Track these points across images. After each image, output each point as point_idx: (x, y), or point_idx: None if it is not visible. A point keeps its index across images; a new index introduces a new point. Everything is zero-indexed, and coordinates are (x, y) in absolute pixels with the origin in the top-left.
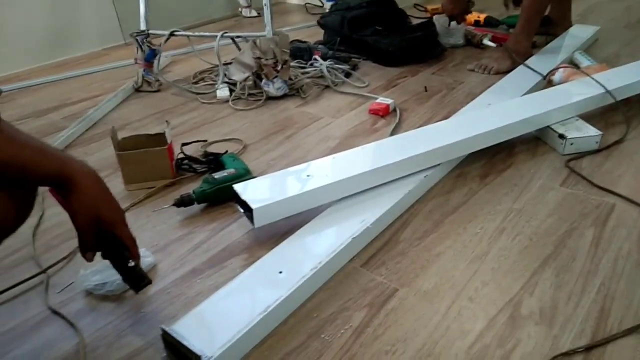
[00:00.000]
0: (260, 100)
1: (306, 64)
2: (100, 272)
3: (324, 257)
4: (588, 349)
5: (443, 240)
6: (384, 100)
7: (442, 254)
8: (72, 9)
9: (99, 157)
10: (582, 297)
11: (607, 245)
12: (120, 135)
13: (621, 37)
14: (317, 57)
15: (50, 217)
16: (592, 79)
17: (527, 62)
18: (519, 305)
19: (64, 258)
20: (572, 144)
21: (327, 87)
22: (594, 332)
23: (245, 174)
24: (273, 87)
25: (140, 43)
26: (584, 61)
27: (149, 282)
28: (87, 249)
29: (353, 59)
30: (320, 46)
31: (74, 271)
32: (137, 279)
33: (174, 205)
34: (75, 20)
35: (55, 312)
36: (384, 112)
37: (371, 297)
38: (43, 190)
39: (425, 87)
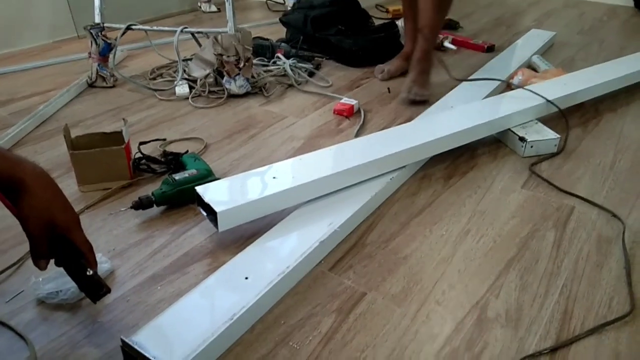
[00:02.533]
0: (221, 98)
1: (269, 61)
2: (54, 279)
3: (291, 262)
4: (553, 350)
5: (409, 242)
6: (348, 100)
7: (409, 256)
8: None
9: (50, 156)
10: (545, 299)
11: (568, 247)
12: (74, 133)
13: (575, 43)
14: (280, 55)
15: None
16: (534, 92)
17: (491, 64)
18: (485, 307)
19: (13, 264)
20: (532, 146)
21: (290, 86)
22: (558, 334)
23: (207, 175)
24: (235, 85)
25: (95, 36)
26: (542, 65)
27: (108, 290)
28: (40, 257)
29: (316, 58)
30: (283, 44)
31: (25, 279)
32: (94, 288)
33: (131, 207)
34: (24, 10)
35: (3, 324)
36: (348, 113)
37: (339, 302)
38: None
39: (389, 88)
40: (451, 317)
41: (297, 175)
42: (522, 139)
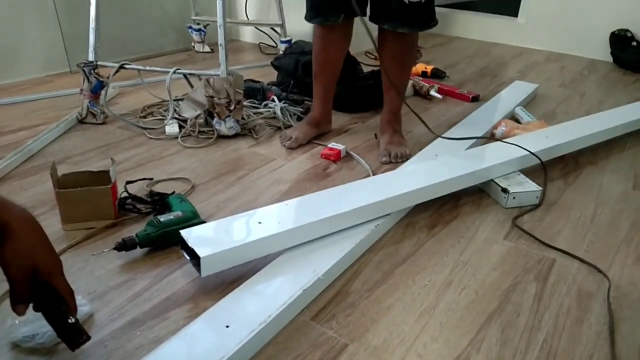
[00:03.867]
0: (211, 138)
1: (259, 104)
2: (31, 322)
3: (273, 310)
4: None
5: (393, 292)
6: (335, 145)
7: (392, 306)
8: (16, 31)
9: (36, 192)
10: (526, 354)
11: (548, 301)
12: (61, 169)
13: (557, 96)
14: (274, 97)
15: None
16: (517, 145)
17: (475, 113)
18: None
19: None
20: (514, 197)
21: (279, 128)
22: None
23: (192, 218)
24: (225, 126)
25: (88, 74)
26: (525, 117)
27: (88, 338)
28: (19, 302)
29: (306, 102)
30: (273, 87)
31: (0, 321)
32: (74, 336)
33: (114, 248)
34: (18, 43)
35: None
36: (335, 157)
37: (321, 353)
38: None
39: (375, 134)
40: None
41: (283, 221)
42: (504, 190)
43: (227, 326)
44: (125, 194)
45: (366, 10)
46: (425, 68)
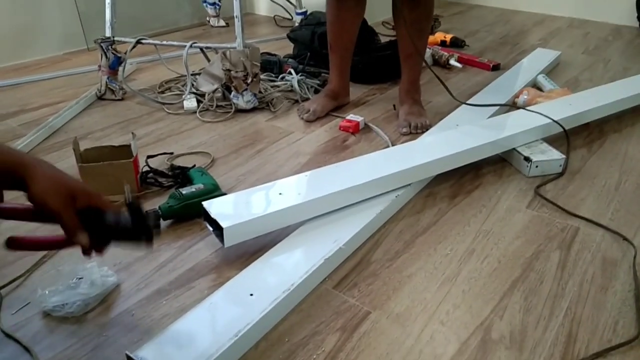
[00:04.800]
0: (229, 112)
1: (276, 77)
2: (60, 292)
3: (296, 279)
4: None
5: (414, 261)
6: (354, 117)
7: (414, 275)
8: (33, 10)
9: (60, 167)
10: (550, 321)
11: (572, 269)
12: (83, 145)
13: (580, 63)
14: (291, 70)
15: (6, 231)
16: (539, 113)
17: (496, 82)
18: (489, 329)
19: (20, 276)
20: (537, 166)
21: (297, 101)
22: (563, 357)
23: (214, 190)
24: (242, 100)
25: (105, 50)
26: (547, 85)
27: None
28: (75, 231)
29: (323, 74)
30: (290, 60)
31: (31, 291)
32: (144, 231)
33: None
34: (36, 23)
35: (9, 336)
36: (354, 129)
37: (344, 321)
38: None
39: (394, 105)
40: (455, 337)
41: (303, 192)
42: (527, 159)
43: (251, 294)
44: (146, 168)
45: None
46: (444, 37)
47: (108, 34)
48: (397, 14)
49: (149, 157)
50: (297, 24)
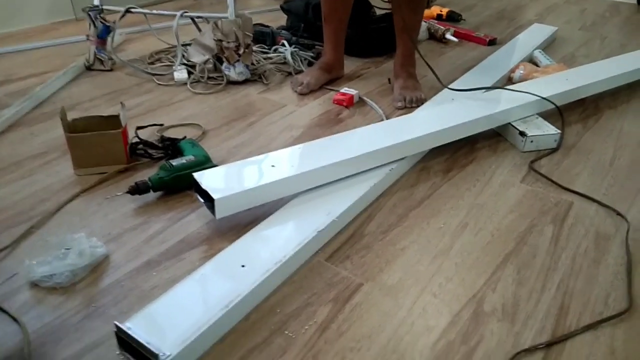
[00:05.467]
0: (220, 84)
1: (269, 49)
2: (49, 263)
3: (288, 251)
4: (548, 345)
5: (407, 234)
6: (348, 90)
7: (407, 248)
8: None
9: (46, 139)
10: (542, 294)
11: (565, 243)
12: (70, 115)
13: (577, 39)
14: (284, 42)
15: None
16: (530, 94)
17: (492, 57)
18: (482, 301)
19: (7, 246)
20: (532, 141)
21: (290, 74)
22: (554, 329)
23: (205, 162)
24: (234, 72)
25: (93, 19)
26: (544, 60)
27: None
28: None
29: (317, 47)
30: (283, 31)
31: (18, 261)
32: None
33: (128, 192)
34: None
35: None
36: (348, 103)
37: (336, 292)
38: None
39: (389, 78)
40: (447, 310)
41: (296, 164)
42: (522, 134)
43: (243, 266)
44: (136, 140)
45: None
46: (441, 11)
47: (96, 2)
48: None
49: (138, 128)
50: None
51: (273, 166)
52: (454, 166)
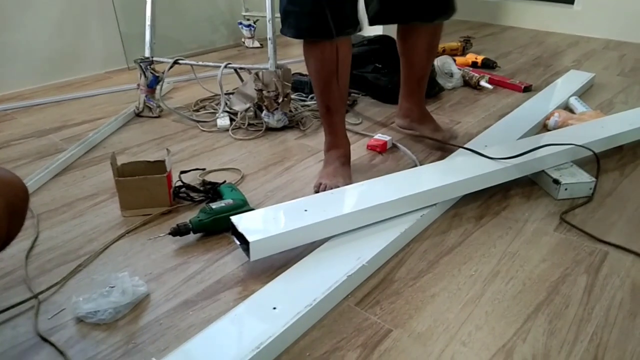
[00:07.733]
0: (260, 130)
1: (306, 97)
2: (94, 300)
3: (318, 294)
4: None
5: (438, 281)
6: (382, 136)
7: (437, 295)
8: (78, 31)
9: (97, 181)
10: (574, 346)
11: (600, 294)
12: (120, 159)
13: (615, 85)
14: None
15: (45, 240)
16: (564, 144)
17: (527, 104)
18: (511, 351)
19: (56, 283)
20: (566, 189)
21: None
22: None
23: (242, 205)
24: (273, 119)
25: (144, 69)
26: (579, 107)
27: None
28: None
29: (353, 94)
30: None
31: (66, 297)
32: None
33: (169, 234)
34: (80, 43)
35: (45, 339)
36: (381, 149)
37: (365, 337)
38: (38, 213)
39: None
40: (476, 359)
41: (328, 209)
42: (556, 182)
43: (274, 308)
44: (179, 183)
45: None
46: (476, 58)
47: (147, 54)
48: (409, 42)
49: (182, 172)
50: None
51: (306, 210)
52: (487, 213)
